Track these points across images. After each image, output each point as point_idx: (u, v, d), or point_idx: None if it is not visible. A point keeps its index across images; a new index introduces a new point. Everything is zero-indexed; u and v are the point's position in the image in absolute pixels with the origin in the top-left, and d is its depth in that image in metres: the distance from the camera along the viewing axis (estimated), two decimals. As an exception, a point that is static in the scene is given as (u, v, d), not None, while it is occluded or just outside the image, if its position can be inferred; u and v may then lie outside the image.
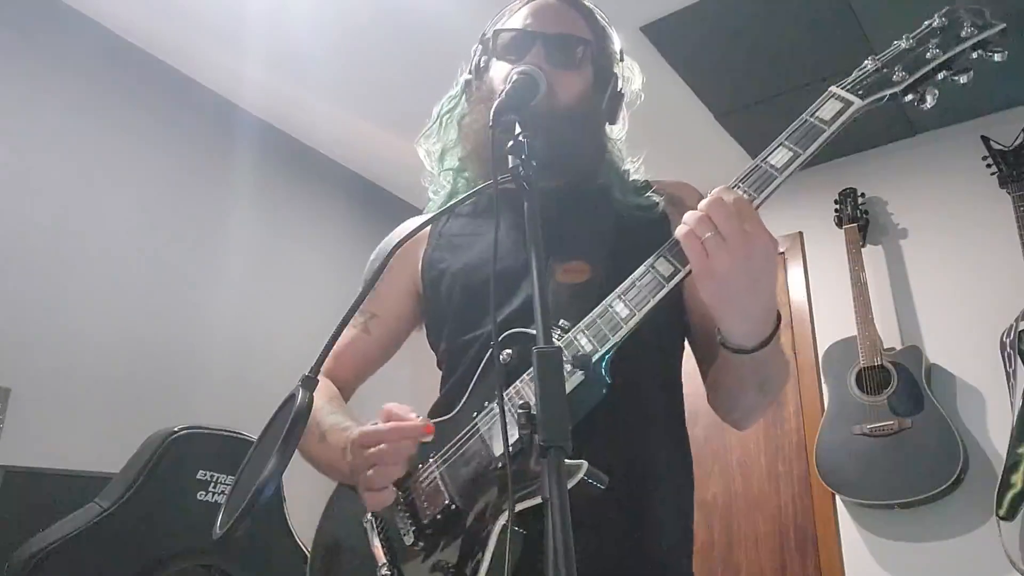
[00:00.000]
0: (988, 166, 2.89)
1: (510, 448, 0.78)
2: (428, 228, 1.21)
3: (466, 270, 1.10)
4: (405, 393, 1.28)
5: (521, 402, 0.87)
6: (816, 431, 2.92)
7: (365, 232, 3.55)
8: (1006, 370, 2.61)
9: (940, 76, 0.85)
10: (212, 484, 1.80)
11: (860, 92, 0.86)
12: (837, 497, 2.92)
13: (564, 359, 0.87)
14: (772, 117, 3.05)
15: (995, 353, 2.68)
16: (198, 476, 1.78)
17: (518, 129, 0.88)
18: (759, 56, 2.79)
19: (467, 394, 0.98)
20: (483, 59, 1.17)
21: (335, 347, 1.22)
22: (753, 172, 0.86)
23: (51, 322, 2.32)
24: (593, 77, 1.13)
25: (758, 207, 0.83)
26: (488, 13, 1.22)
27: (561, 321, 0.91)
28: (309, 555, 1.12)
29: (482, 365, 0.98)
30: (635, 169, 1.19)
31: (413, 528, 0.94)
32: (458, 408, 0.98)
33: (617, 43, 1.18)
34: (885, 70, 0.86)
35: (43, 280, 2.33)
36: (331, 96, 3.06)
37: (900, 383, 2.78)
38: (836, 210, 3.14)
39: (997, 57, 0.85)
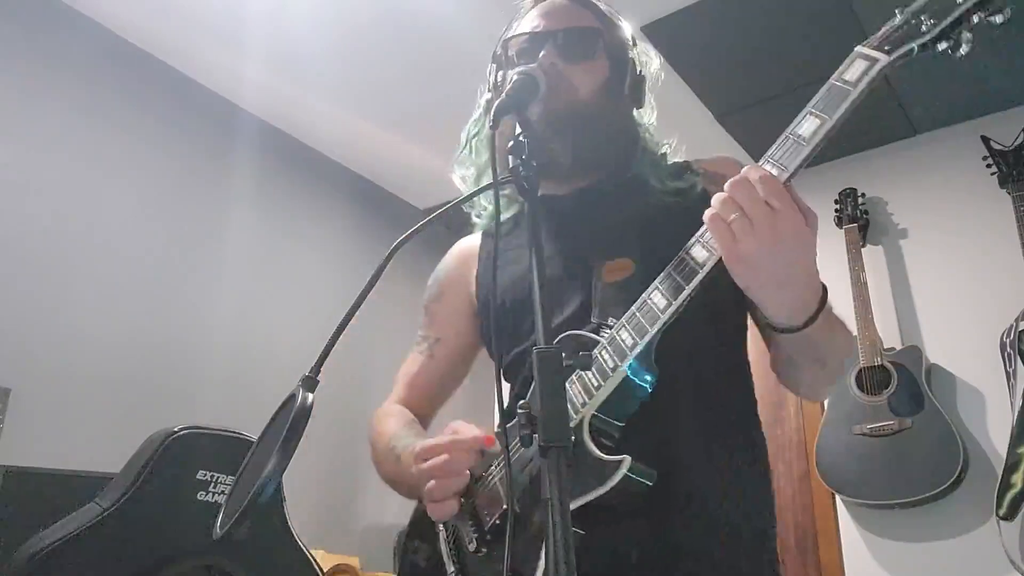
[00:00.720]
0: (988, 166, 2.89)
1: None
2: (476, 249, 1.22)
3: (512, 284, 1.10)
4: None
5: (521, 401, 0.88)
6: (816, 431, 2.92)
7: (365, 232, 3.55)
8: (1006, 370, 2.61)
9: (975, 19, 0.77)
10: (212, 484, 1.79)
11: (887, 48, 0.79)
12: (837, 497, 2.92)
13: (603, 348, 0.88)
14: (772, 117, 3.04)
15: (995, 353, 2.68)
16: (198, 476, 1.78)
17: (518, 129, 0.88)
18: (759, 56, 2.79)
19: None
20: (499, 74, 1.17)
21: (406, 375, 1.23)
22: (782, 145, 0.81)
23: (51, 322, 2.32)
24: (609, 66, 1.12)
25: (788, 180, 0.79)
26: (488, 13, 1.22)
27: (610, 319, 0.91)
28: (397, 565, 1.13)
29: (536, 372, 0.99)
30: (672, 151, 1.17)
31: (476, 535, 0.95)
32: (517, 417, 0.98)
33: (628, 30, 1.17)
34: (913, 21, 0.80)
35: (43, 280, 2.33)
36: (331, 96, 3.06)
37: (900, 383, 2.78)
38: (836, 210, 3.14)
39: None
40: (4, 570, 1.56)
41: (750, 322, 1.08)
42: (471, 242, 1.26)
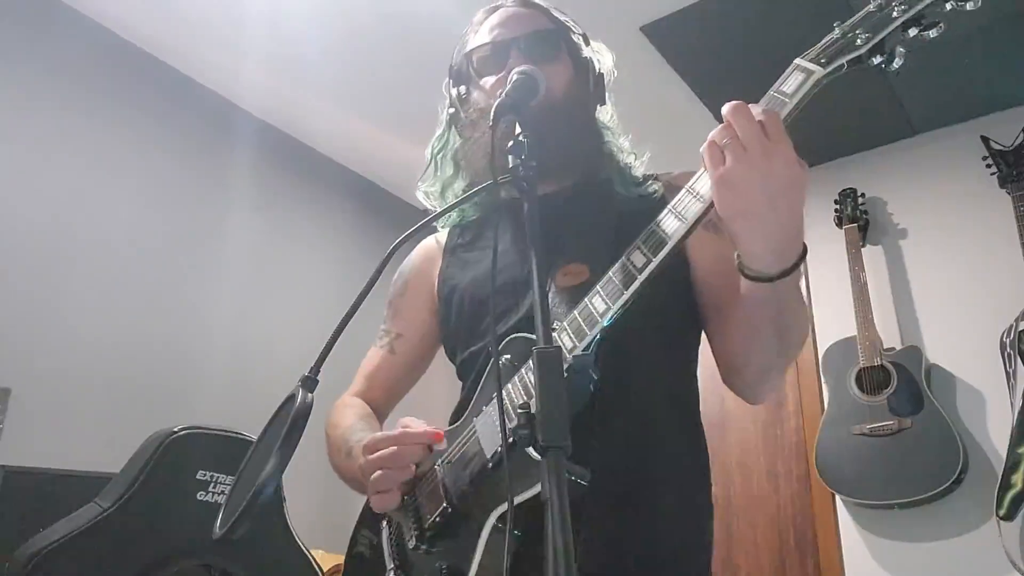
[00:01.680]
0: (988, 166, 2.89)
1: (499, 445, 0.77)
2: (442, 246, 1.23)
3: (473, 284, 1.11)
4: (405, 399, 1.28)
5: (521, 401, 0.88)
6: (816, 431, 2.92)
7: (365, 232, 3.55)
8: (1006, 370, 2.61)
9: (910, 33, 0.80)
10: (212, 484, 1.80)
11: (823, 60, 0.80)
12: (837, 497, 2.92)
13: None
14: (772, 117, 3.05)
15: (995, 353, 2.68)
16: (198, 476, 1.78)
17: (518, 129, 0.88)
18: (759, 56, 2.79)
19: (472, 402, 0.99)
20: (461, 88, 1.18)
21: (365, 369, 1.23)
22: None
23: (51, 322, 2.32)
24: (573, 65, 1.13)
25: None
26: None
27: (555, 324, 0.91)
28: (344, 561, 1.13)
29: (485, 373, 0.99)
30: (639, 163, 1.18)
31: (416, 531, 0.95)
32: (464, 416, 0.99)
33: (578, 29, 1.19)
34: (849, 35, 0.82)
35: (43, 280, 2.33)
36: (331, 96, 3.06)
37: (900, 383, 2.78)
38: (836, 210, 3.14)
39: (969, 6, 0.80)
40: (4, 570, 1.56)
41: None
42: (437, 239, 1.27)
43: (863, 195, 3.16)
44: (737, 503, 3.16)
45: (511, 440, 0.78)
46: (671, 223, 0.83)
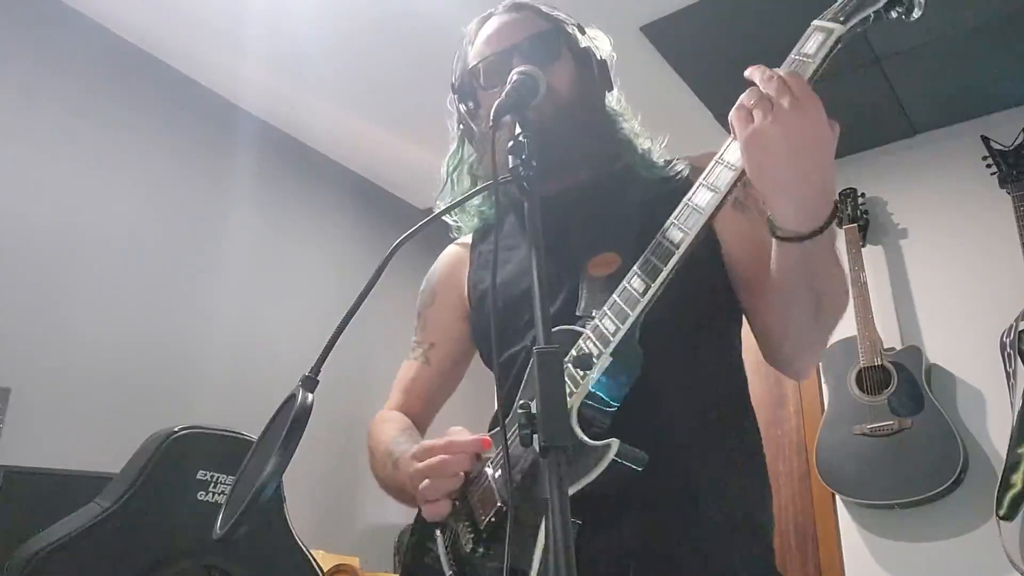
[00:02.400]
0: (988, 166, 2.89)
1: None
2: (468, 251, 1.22)
3: (502, 287, 1.10)
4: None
5: (521, 401, 0.88)
6: (816, 431, 2.92)
7: (365, 232, 3.55)
8: (1006, 370, 2.61)
9: None
10: (212, 484, 1.79)
11: (842, 18, 0.82)
12: (837, 497, 2.92)
13: (586, 338, 0.88)
14: (772, 117, 3.05)
15: (995, 353, 2.68)
16: (198, 476, 1.78)
17: (518, 129, 0.88)
18: (759, 56, 2.78)
19: (516, 400, 0.99)
20: (469, 103, 1.17)
21: (401, 382, 1.23)
22: None
23: (51, 322, 2.32)
24: (574, 60, 1.13)
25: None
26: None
27: (593, 312, 0.90)
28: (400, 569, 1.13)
29: (527, 371, 0.99)
30: (658, 147, 1.17)
31: (472, 535, 0.95)
32: (511, 415, 0.98)
33: (571, 21, 1.18)
34: None
35: (43, 280, 2.33)
36: (331, 96, 3.06)
37: (900, 383, 2.78)
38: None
39: None
40: (4, 570, 1.56)
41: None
42: (462, 245, 1.27)
43: (863, 195, 3.16)
44: (737, 503, 3.16)
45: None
46: (704, 196, 0.84)
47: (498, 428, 0.99)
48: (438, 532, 1.01)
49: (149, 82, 2.79)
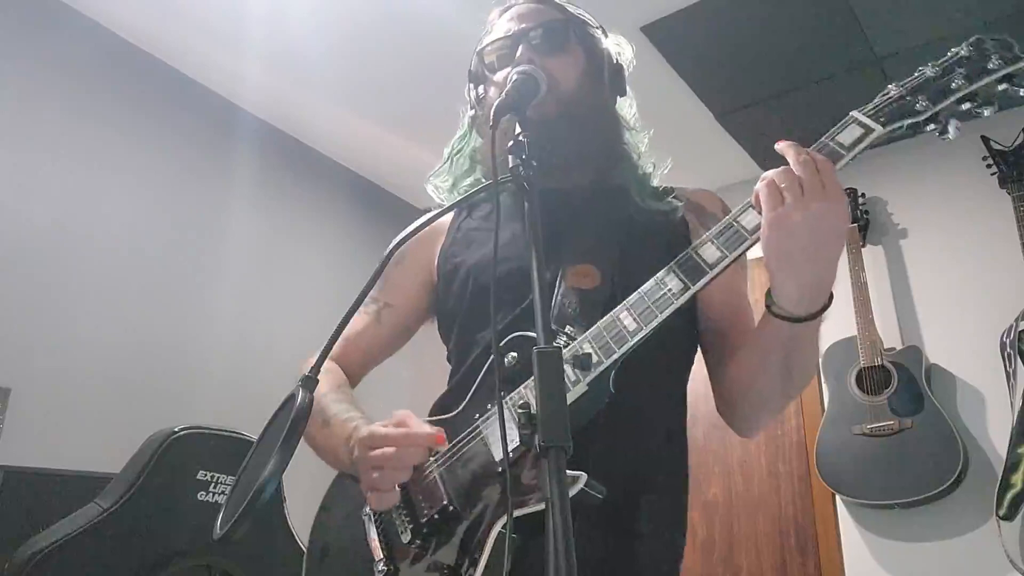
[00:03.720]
0: (988, 166, 2.88)
1: (510, 453, 0.77)
2: (447, 222, 1.21)
3: (480, 266, 1.09)
4: (404, 387, 1.28)
5: (521, 402, 0.87)
6: (816, 431, 2.92)
7: (365, 232, 3.55)
8: (1006, 370, 2.61)
9: (964, 107, 0.83)
10: (212, 484, 1.80)
11: (882, 119, 0.84)
12: (837, 497, 2.92)
13: (564, 360, 0.88)
14: (772, 117, 3.05)
15: (995, 353, 2.68)
16: (198, 476, 1.78)
17: (518, 129, 0.88)
18: (759, 56, 2.79)
19: (469, 395, 0.98)
20: (479, 88, 1.17)
21: (345, 331, 1.21)
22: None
23: (51, 322, 2.32)
24: (585, 56, 1.12)
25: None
26: (488, 14, 1.22)
27: (567, 328, 0.90)
28: (307, 546, 1.12)
29: (485, 367, 0.98)
30: (656, 173, 1.17)
31: (411, 526, 0.94)
32: (460, 408, 0.98)
33: (596, 23, 1.18)
34: (908, 98, 0.85)
35: (43, 280, 2.33)
36: (331, 96, 3.06)
37: (900, 383, 2.78)
38: (836, 210, 3.14)
39: (1023, 92, 0.84)
40: (4, 570, 1.56)
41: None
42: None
43: (863, 195, 3.16)
44: (738, 503, 3.16)
45: (517, 447, 0.78)
46: (712, 252, 0.86)
47: (451, 415, 0.98)
48: (368, 513, 1.01)
49: (149, 82, 2.79)
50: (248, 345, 2.89)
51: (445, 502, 0.91)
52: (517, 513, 0.82)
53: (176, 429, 1.80)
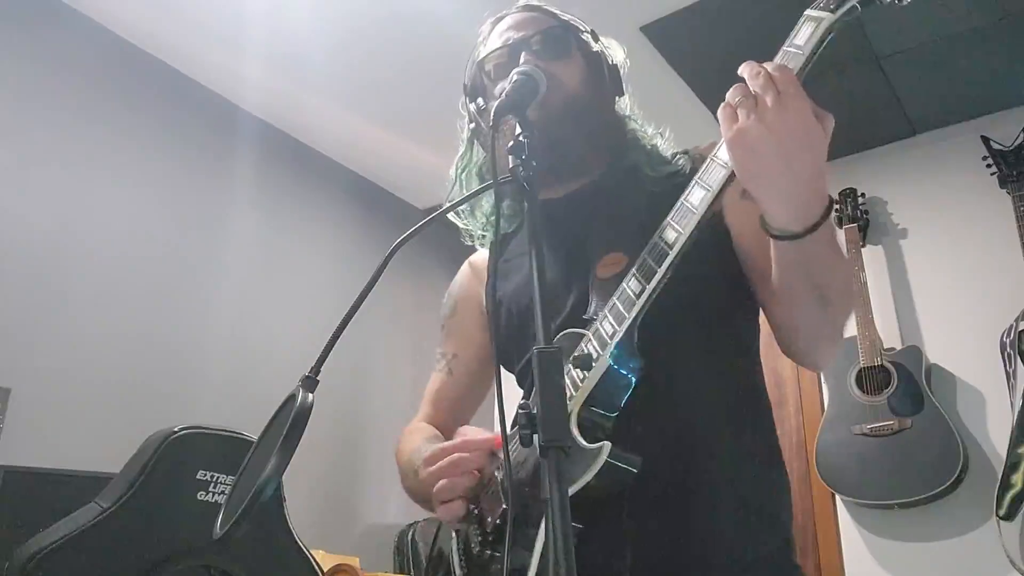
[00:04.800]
0: (988, 166, 2.89)
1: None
2: (485, 264, 1.23)
3: (516, 293, 1.10)
4: (404, 387, 1.29)
5: (521, 401, 0.88)
6: (816, 431, 2.92)
7: (365, 232, 3.55)
8: (1006, 370, 2.61)
9: None
10: (212, 484, 1.79)
11: (832, 6, 0.79)
12: (837, 497, 2.92)
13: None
14: (772, 117, 3.04)
15: (995, 353, 2.68)
16: (198, 476, 1.78)
17: (518, 129, 0.88)
18: (759, 56, 2.78)
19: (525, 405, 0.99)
20: (479, 100, 1.17)
21: (428, 394, 1.24)
22: None
23: (51, 322, 2.32)
24: (584, 61, 1.13)
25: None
26: (488, 14, 1.22)
27: (596, 314, 0.90)
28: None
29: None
30: (665, 142, 1.16)
31: (479, 537, 0.95)
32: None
33: (585, 27, 1.19)
34: None
35: (43, 280, 2.33)
36: (332, 97, 3.06)
37: (900, 383, 2.78)
38: (836, 210, 3.14)
39: None
40: (4, 570, 1.56)
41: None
42: (481, 256, 1.28)
43: (863, 195, 3.16)
44: (737, 503, 3.16)
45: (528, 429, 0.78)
46: (697, 194, 0.83)
47: (514, 430, 0.99)
48: (453, 534, 1.02)
49: (149, 82, 2.79)
50: (248, 345, 2.89)
51: (503, 506, 0.92)
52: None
53: (176, 429, 1.79)
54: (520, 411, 0.68)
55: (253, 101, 3.10)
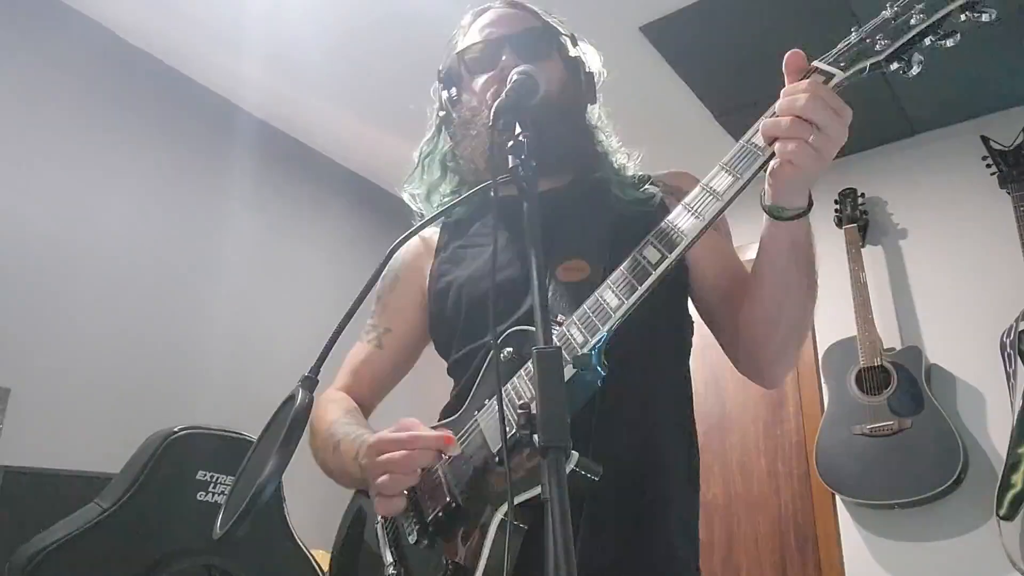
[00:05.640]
0: (988, 166, 2.88)
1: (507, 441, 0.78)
2: (434, 243, 1.22)
3: (470, 281, 1.10)
4: (404, 387, 1.29)
5: (521, 401, 0.88)
6: (816, 431, 2.92)
7: (365, 232, 3.55)
8: (1006, 370, 2.61)
9: (926, 42, 0.82)
10: (212, 484, 1.80)
11: (842, 64, 0.83)
12: (837, 497, 2.92)
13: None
14: (772, 117, 3.04)
15: (995, 353, 2.68)
16: (198, 476, 1.78)
17: (518, 129, 0.88)
18: (759, 56, 2.79)
19: (471, 395, 0.99)
20: (452, 89, 1.18)
21: (351, 363, 1.22)
22: (738, 153, 0.89)
23: (51, 322, 2.32)
24: (563, 64, 1.14)
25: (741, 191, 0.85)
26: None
27: (559, 316, 0.91)
28: (331, 557, 1.13)
29: (484, 366, 0.99)
30: (632, 164, 1.19)
31: (417, 527, 0.95)
32: (462, 410, 0.99)
33: (566, 30, 1.20)
34: (868, 40, 0.84)
35: (43, 280, 2.33)
36: (331, 96, 3.06)
37: (900, 383, 2.78)
38: (836, 210, 3.14)
39: (985, 17, 0.81)
40: (4, 570, 1.56)
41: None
42: (428, 233, 1.26)
43: (863, 195, 3.16)
44: (738, 503, 3.16)
45: (513, 434, 0.79)
46: (687, 221, 0.85)
47: (453, 418, 0.99)
48: (380, 520, 1.01)
49: (149, 82, 2.79)
50: (248, 345, 2.89)
51: (448, 499, 0.91)
52: (517, 500, 0.82)
53: (176, 429, 1.80)
54: (520, 411, 0.68)
55: (252, 101, 3.10)
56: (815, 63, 0.84)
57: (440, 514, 0.92)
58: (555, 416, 0.62)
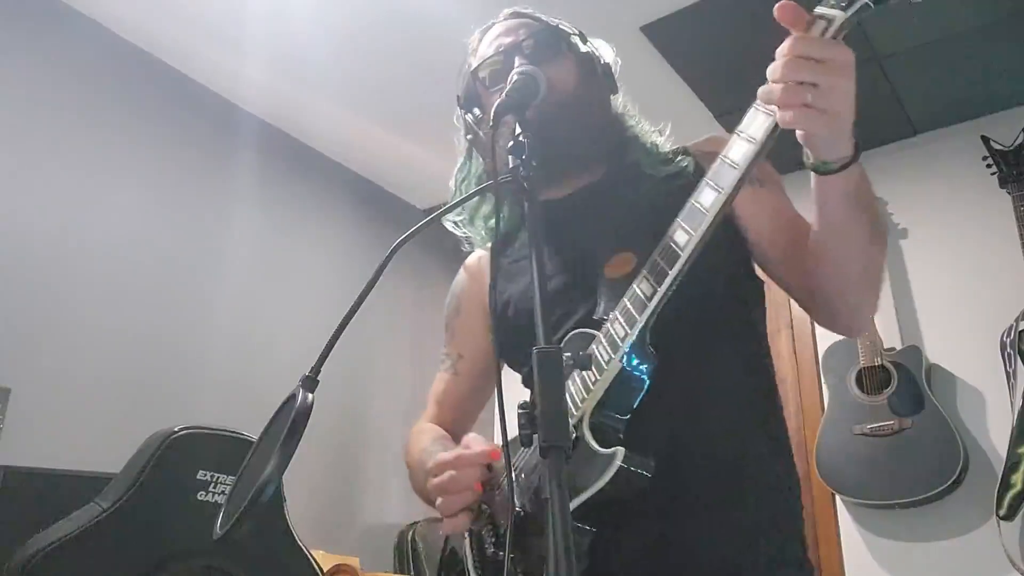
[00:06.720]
0: (988, 166, 2.88)
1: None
2: (488, 262, 1.21)
3: (523, 294, 1.10)
4: (403, 388, 1.29)
5: (521, 402, 0.88)
6: (816, 431, 2.92)
7: (366, 232, 3.55)
8: (1006, 370, 2.61)
9: None
10: (212, 484, 1.79)
11: (843, 4, 0.77)
12: (837, 497, 2.92)
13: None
14: (772, 117, 3.04)
15: (995, 353, 2.67)
16: (198, 476, 1.78)
17: (518, 129, 0.88)
18: (759, 56, 2.79)
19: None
20: (475, 110, 1.17)
21: (434, 394, 1.25)
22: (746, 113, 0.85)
23: (51, 322, 2.31)
24: (576, 61, 1.14)
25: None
26: (489, 14, 1.22)
27: (610, 314, 0.90)
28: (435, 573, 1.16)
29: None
30: (664, 139, 1.18)
31: (493, 539, 0.96)
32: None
33: (573, 30, 1.20)
34: None
35: (43, 280, 2.33)
36: (331, 96, 3.06)
37: (900, 383, 2.78)
38: (836, 210, 3.13)
39: None
40: (4, 570, 1.56)
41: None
42: (475, 259, 1.28)
43: (863, 195, 3.16)
44: (737, 503, 3.16)
45: (574, 436, 0.79)
46: (708, 195, 0.83)
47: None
48: (466, 535, 1.03)
49: (149, 82, 2.79)
50: (248, 345, 2.89)
51: (516, 509, 0.92)
52: (576, 502, 0.82)
53: (176, 429, 1.80)
54: (520, 411, 0.68)
55: (253, 101, 3.10)
56: (816, 9, 0.79)
57: (512, 523, 0.92)
58: (555, 416, 0.62)
